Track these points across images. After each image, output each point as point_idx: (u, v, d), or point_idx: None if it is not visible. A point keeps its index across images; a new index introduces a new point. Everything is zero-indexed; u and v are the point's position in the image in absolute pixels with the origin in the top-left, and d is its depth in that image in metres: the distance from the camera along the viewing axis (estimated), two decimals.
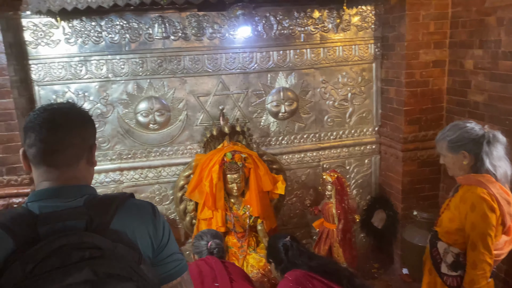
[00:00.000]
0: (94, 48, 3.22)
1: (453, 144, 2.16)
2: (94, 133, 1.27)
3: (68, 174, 1.16)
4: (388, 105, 3.71)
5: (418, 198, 3.66)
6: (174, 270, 1.27)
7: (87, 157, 1.22)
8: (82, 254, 0.96)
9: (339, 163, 3.87)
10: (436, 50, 3.41)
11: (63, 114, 1.17)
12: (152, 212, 1.24)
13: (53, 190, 1.13)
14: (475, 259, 2.06)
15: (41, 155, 1.13)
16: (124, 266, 1.00)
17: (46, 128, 1.13)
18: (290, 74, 3.60)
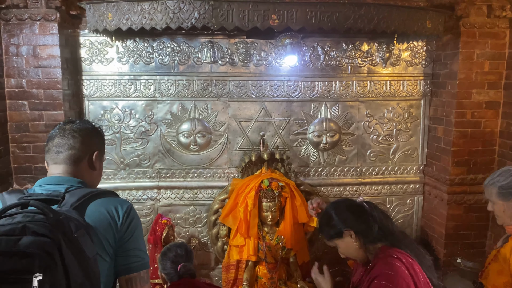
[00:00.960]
0: (144, 68, 3.32)
1: (504, 190, 2.02)
2: (97, 143, 1.57)
3: (67, 170, 1.46)
4: (435, 144, 3.56)
5: (463, 245, 3.44)
6: (134, 264, 1.43)
7: (88, 160, 1.51)
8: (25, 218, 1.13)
9: (380, 200, 3.73)
10: (490, 91, 3.26)
11: (73, 125, 1.52)
12: (120, 205, 1.42)
13: (49, 178, 1.45)
14: None
15: (50, 155, 1.48)
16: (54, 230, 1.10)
17: (58, 136, 1.49)
18: (334, 105, 3.55)
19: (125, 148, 3.41)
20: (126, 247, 1.42)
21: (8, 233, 1.07)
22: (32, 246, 1.04)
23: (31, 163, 3.05)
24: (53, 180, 1.43)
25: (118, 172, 3.44)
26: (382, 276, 1.71)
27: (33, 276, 1.01)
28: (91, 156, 1.52)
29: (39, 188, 1.41)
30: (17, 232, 1.07)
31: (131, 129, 3.39)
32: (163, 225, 3.12)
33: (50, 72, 2.99)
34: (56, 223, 1.13)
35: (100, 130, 1.60)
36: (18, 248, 1.04)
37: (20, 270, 1.02)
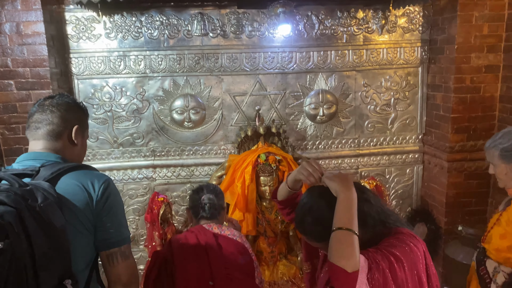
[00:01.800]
0: (133, 44, 3.22)
1: (507, 152, 1.96)
2: (78, 117, 1.53)
3: (46, 146, 1.43)
4: (434, 112, 3.50)
5: (464, 212, 3.41)
6: (113, 240, 1.42)
7: (67, 135, 1.48)
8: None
9: (379, 171, 3.68)
10: (490, 54, 3.18)
11: (52, 100, 1.49)
12: (97, 180, 1.40)
13: (28, 154, 1.43)
14: None
15: (30, 131, 1.45)
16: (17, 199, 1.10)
17: (37, 112, 1.46)
18: (331, 76, 3.46)
19: (118, 127, 3.33)
20: (105, 222, 1.40)
21: None
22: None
23: (21, 144, 2.97)
24: (31, 156, 1.41)
25: (112, 152, 3.37)
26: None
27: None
28: (71, 131, 1.49)
29: (18, 164, 1.40)
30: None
31: (123, 107, 3.31)
32: (160, 202, 3.05)
33: (36, 49, 2.89)
34: (21, 192, 1.12)
35: (81, 105, 1.57)
36: None
37: None
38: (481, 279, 2.10)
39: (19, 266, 1.04)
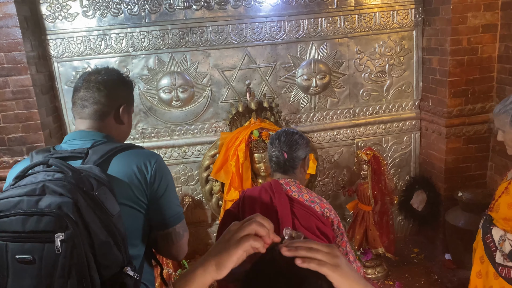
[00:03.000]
0: (113, 21, 3.05)
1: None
2: (125, 95, 1.49)
3: (93, 125, 1.40)
4: (430, 77, 3.38)
5: (463, 178, 3.35)
6: (168, 220, 1.41)
7: (114, 114, 1.44)
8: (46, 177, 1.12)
9: (376, 141, 3.59)
10: (487, 13, 3.04)
11: (98, 76, 1.42)
12: (148, 160, 1.36)
13: (75, 133, 1.39)
14: None
15: (76, 109, 1.42)
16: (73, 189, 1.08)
17: (83, 88, 1.41)
18: (322, 44, 3.32)
19: None
20: (160, 203, 1.40)
21: (29, 193, 1.07)
22: (51, 206, 1.03)
23: (3, 134, 2.84)
24: (79, 135, 1.38)
25: None
26: None
27: (55, 236, 1.01)
28: (118, 110, 1.45)
29: (66, 144, 1.38)
30: (37, 192, 1.07)
31: None
32: None
33: (9, 32, 2.72)
34: (75, 181, 1.10)
35: (127, 80, 1.51)
36: (38, 208, 1.04)
37: (41, 230, 1.02)
38: (486, 247, 2.05)
39: (80, 256, 1.03)
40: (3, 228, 1.05)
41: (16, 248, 1.02)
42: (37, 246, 1.02)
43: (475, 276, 2.15)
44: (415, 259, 3.49)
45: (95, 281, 1.05)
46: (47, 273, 1.01)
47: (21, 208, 1.04)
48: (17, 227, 1.03)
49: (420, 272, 3.31)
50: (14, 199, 1.06)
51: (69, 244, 1.02)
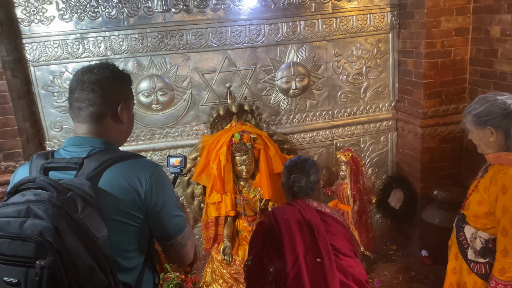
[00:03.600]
0: (91, 25, 3.02)
1: (478, 118, 1.94)
2: (122, 92, 1.39)
3: (91, 130, 1.32)
4: (406, 78, 3.47)
5: (438, 176, 3.46)
6: (170, 233, 1.38)
7: (112, 114, 1.34)
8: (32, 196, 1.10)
9: (354, 141, 3.67)
10: (459, 17, 3.14)
11: (92, 75, 1.31)
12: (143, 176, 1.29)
13: (73, 139, 1.33)
14: (506, 246, 1.87)
15: (73, 111, 1.34)
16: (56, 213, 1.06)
17: (77, 89, 1.31)
18: (301, 47, 3.36)
19: None
20: (159, 217, 1.34)
21: (15, 214, 1.07)
22: (32, 231, 1.03)
23: None
24: (76, 142, 1.32)
25: None
26: None
27: (36, 262, 1.02)
28: (116, 109, 1.36)
29: (64, 151, 1.32)
30: (22, 213, 1.07)
31: None
32: None
33: None
34: (60, 203, 1.08)
35: (123, 74, 1.41)
36: (22, 232, 1.04)
37: (22, 255, 1.03)
38: (460, 244, 2.13)
39: (62, 281, 1.04)
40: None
41: (3, 270, 1.04)
42: (21, 270, 1.03)
43: (450, 273, 2.24)
44: (393, 256, 3.59)
45: None
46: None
47: (7, 230, 1.05)
48: (3, 249, 1.04)
49: (398, 269, 3.41)
50: (3, 219, 1.07)
51: (50, 270, 1.02)
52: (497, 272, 1.92)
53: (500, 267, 1.91)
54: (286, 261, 1.82)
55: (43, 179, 1.14)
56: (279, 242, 1.88)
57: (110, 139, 1.35)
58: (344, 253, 1.93)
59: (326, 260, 1.82)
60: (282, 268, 1.82)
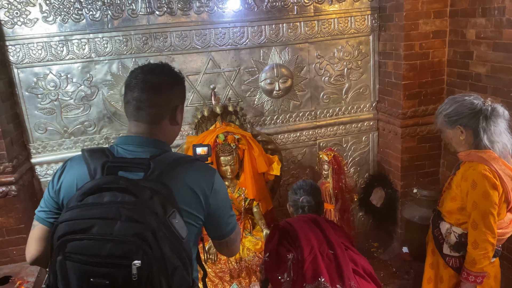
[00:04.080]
0: (75, 27, 3.03)
1: (449, 118, 2.05)
2: (180, 95, 1.40)
3: (149, 131, 1.32)
4: (386, 80, 3.56)
5: (418, 175, 3.56)
6: (224, 232, 1.41)
7: (170, 116, 1.35)
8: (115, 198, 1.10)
9: (336, 141, 3.75)
10: (436, 20, 3.24)
11: (154, 76, 1.32)
12: (205, 182, 1.31)
13: (131, 138, 1.32)
14: (476, 239, 1.98)
15: (131, 111, 1.32)
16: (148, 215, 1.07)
17: (138, 88, 1.30)
18: (284, 49, 3.43)
19: (67, 116, 3.17)
20: (217, 219, 1.38)
21: (101, 215, 1.07)
22: (128, 233, 1.04)
23: None
24: (135, 141, 1.31)
25: (63, 142, 3.22)
26: None
27: (132, 263, 1.02)
28: (174, 111, 1.37)
29: (122, 149, 1.29)
30: (111, 215, 1.06)
31: (70, 95, 3.14)
32: None
33: None
34: (148, 206, 1.09)
35: (181, 77, 1.41)
36: (114, 234, 1.04)
37: (118, 256, 1.03)
38: (436, 240, 2.23)
39: (155, 282, 1.05)
40: (77, 250, 1.06)
41: (91, 271, 1.04)
42: (112, 271, 1.04)
43: (429, 268, 2.33)
44: (375, 253, 3.68)
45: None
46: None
47: (96, 232, 1.05)
48: (93, 251, 1.04)
49: (379, 265, 3.49)
50: (87, 221, 1.07)
51: (145, 271, 1.03)
52: (469, 264, 2.02)
53: (471, 259, 2.01)
54: (303, 249, 1.94)
55: (126, 180, 1.14)
56: (294, 237, 2.02)
57: (165, 140, 1.37)
58: (351, 248, 2.08)
59: (339, 251, 1.95)
60: (299, 255, 1.94)
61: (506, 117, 2.00)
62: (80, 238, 1.06)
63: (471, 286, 2.04)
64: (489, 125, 1.95)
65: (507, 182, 1.95)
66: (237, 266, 3.05)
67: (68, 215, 1.10)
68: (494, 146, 1.96)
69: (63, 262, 1.07)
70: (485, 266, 2.00)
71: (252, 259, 3.09)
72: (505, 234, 2.09)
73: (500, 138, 1.97)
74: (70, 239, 1.07)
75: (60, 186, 1.29)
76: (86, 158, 1.23)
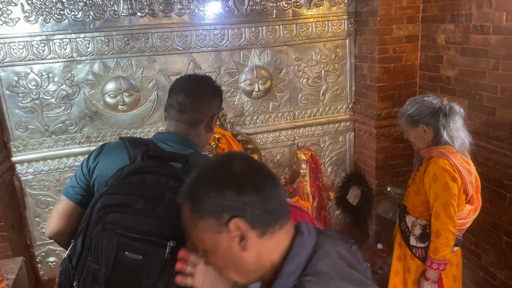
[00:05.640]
0: (57, 27, 3.07)
1: (412, 118, 2.20)
2: (218, 105, 1.52)
3: (188, 132, 1.42)
4: (361, 82, 3.69)
5: (392, 174, 3.69)
6: None
7: (207, 123, 1.46)
8: (159, 180, 1.17)
9: (314, 141, 3.86)
10: (409, 25, 3.38)
11: (199, 85, 1.46)
12: None
13: (170, 135, 1.41)
14: (438, 228, 2.11)
15: (173, 113, 1.43)
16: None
17: (184, 93, 1.42)
18: (263, 51, 3.52)
19: (48, 114, 3.20)
20: None
21: (146, 193, 1.13)
22: (169, 214, 1.09)
23: None
24: (175, 138, 1.40)
25: (44, 141, 3.25)
26: None
27: (168, 242, 1.07)
28: (211, 119, 1.48)
29: (162, 143, 1.38)
30: (155, 195, 1.12)
31: (52, 94, 3.17)
32: None
33: None
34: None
35: (220, 90, 1.54)
36: (156, 212, 1.10)
37: (156, 234, 1.09)
38: (402, 233, 2.35)
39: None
40: (118, 222, 1.11)
41: (127, 244, 1.09)
42: (148, 247, 1.09)
43: (396, 260, 2.45)
44: None
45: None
46: (152, 274, 1.08)
47: (140, 208, 1.11)
48: (133, 225, 1.10)
49: None
50: (131, 197, 1.13)
51: (177, 252, 1.06)
52: (432, 252, 2.15)
53: (434, 247, 2.14)
54: None
55: (172, 169, 1.21)
56: None
57: (199, 143, 1.46)
58: None
59: None
60: None
61: (462, 114, 2.16)
62: (123, 211, 1.12)
63: (434, 273, 2.17)
64: (448, 122, 2.10)
65: (465, 175, 2.10)
66: None
67: (113, 189, 1.17)
68: (454, 141, 2.10)
69: (101, 232, 1.12)
70: (447, 254, 2.13)
71: None
72: (464, 224, 2.23)
73: (459, 134, 2.12)
74: (113, 210, 1.13)
75: (95, 166, 1.35)
76: (127, 145, 1.32)
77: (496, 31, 2.65)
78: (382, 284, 2.53)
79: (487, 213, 2.77)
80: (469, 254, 3.02)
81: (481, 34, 2.78)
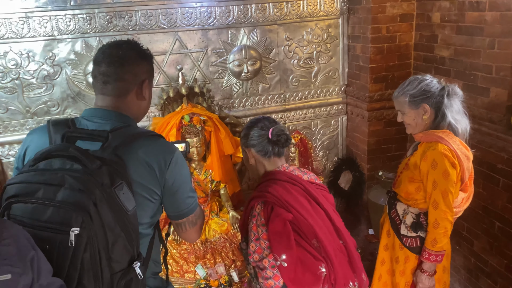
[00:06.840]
0: (36, 4, 2.95)
1: (414, 98, 2.06)
2: (147, 70, 1.42)
3: (114, 104, 1.35)
4: (354, 63, 3.57)
5: (384, 158, 3.60)
6: (184, 211, 1.41)
7: (136, 91, 1.38)
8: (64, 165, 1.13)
9: (305, 125, 3.75)
10: (403, 3, 3.25)
11: (120, 51, 1.35)
12: (163, 158, 1.32)
13: (95, 110, 1.34)
14: (437, 218, 2.00)
15: (98, 85, 1.36)
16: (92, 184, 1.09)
17: (105, 62, 1.33)
18: (253, 31, 3.40)
19: (29, 95, 3.11)
20: (175, 197, 1.38)
21: (46, 181, 1.10)
22: (68, 200, 1.06)
23: None
24: (100, 113, 1.34)
25: (26, 123, 3.15)
26: None
27: (70, 230, 1.04)
28: (140, 86, 1.39)
29: (86, 120, 1.33)
30: (55, 182, 1.09)
31: (32, 73, 3.07)
32: None
33: None
34: (94, 175, 1.10)
35: (148, 53, 1.44)
36: (55, 200, 1.07)
37: (57, 222, 1.06)
38: (392, 221, 2.24)
39: (93, 251, 1.07)
40: (21, 213, 1.10)
41: (32, 235, 1.04)
42: (52, 236, 1.06)
43: (383, 249, 2.36)
44: None
45: (104, 274, 1.09)
46: (59, 263, 1.05)
47: (40, 197, 1.08)
48: (35, 215, 1.08)
49: None
50: (33, 185, 1.10)
51: (83, 239, 1.05)
52: (429, 244, 2.04)
53: (432, 238, 2.03)
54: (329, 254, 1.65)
55: (76, 150, 1.15)
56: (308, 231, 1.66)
57: (131, 115, 1.39)
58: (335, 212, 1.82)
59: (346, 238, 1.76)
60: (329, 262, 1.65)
61: (462, 97, 2.05)
62: (25, 201, 1.09)
63: (432, 265, 2.06)
64: (451, 103, 1.99)
65: (464, 161, 1.98)
66: (202, 247, 3.06)
67: (18, 179, 1.14)
68: (458, 124, 1.99)
69: None
70: (445, 245, 2.03)
71: (218, 240, 3.10)
72: (458, 213, 2.13)
73: (459, 116, 2.01)
74: (15, 201, 1.11)
75: (24, 152, 1.34)
76: (49, 127, 1.29)
77: (492, 8, 2.53)
78: (372, 270, 2.44)
79: (479, 198, 2.68)
80: (461, 240, 2.94)
81: (477, 11, 2.65)
